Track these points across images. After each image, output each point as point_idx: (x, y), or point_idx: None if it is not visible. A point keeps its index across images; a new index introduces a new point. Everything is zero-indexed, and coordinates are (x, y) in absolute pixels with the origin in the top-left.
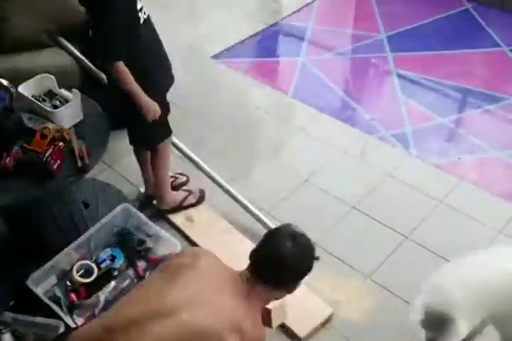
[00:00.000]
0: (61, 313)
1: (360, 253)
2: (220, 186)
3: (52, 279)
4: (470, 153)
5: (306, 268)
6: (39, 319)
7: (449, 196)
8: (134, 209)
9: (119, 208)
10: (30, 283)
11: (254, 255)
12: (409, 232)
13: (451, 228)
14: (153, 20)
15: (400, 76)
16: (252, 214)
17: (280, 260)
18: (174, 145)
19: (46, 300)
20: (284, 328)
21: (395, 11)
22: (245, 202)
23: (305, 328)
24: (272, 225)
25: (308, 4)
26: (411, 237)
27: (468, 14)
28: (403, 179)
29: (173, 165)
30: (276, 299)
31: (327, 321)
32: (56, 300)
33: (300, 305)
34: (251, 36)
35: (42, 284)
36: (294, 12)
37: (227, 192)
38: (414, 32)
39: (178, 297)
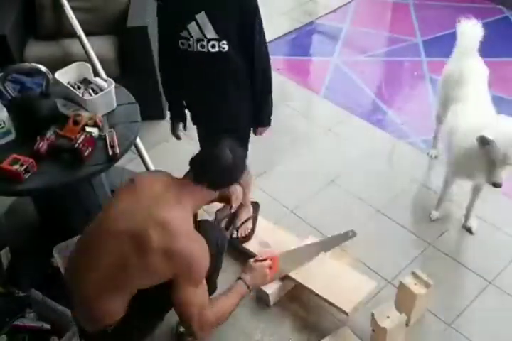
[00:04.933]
0: None
1: (383, 258)
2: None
3: None
4: None
5: (235, 176)
6: (61, 307)
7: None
8: None
9: None
10: (55, 252)
11: (195, 158)
12: (433, 239)
13: (475, 237)
14: None
15: (433, 81)
16: None
17: (217, 160)
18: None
19: None
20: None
21: (432, 16)
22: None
23: (350, 303)
24: None
25: (344, 5)
26: (435, 244)
27: (507, 22)
28: (430, 186)
29: None
30: (209, 202)
31: (371, 295)
32: None
33: (343, 281)
34: (285, 34)
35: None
36: (330, 12)
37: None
38: (450, 38)
39: (115, 212)
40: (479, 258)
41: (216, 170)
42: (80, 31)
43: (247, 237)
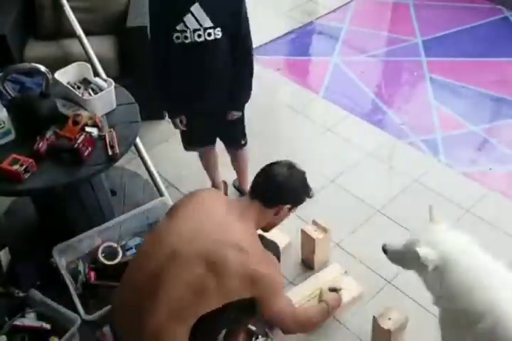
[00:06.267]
0: (73, 292)
1: (383, 258)
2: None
3: (76, 254)
4: (500, 163)
5: (295, 195)
6: (61, 307)
7: (477, 206)
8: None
9: (157, 200)
10: (55, 252)
11: (254, 178)
12: None
13: (476, 238)
14: None
15: (433, 81)
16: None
17: (271, 177)
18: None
19: (64, 274)
20: None
21: (432, 16)
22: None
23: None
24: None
25: (344, 5)
26: None
27: (507, 22)
28: (430, 186)
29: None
30: (268, 225)
31: (357, 299)
32: (75, 274)
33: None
34: (285, 34)
35: (65, 257)
36: (330, 12)
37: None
38: (450, 38)
39: (181, 233)
40: None
41: (266, 185)
42: (79, 31)
43: None
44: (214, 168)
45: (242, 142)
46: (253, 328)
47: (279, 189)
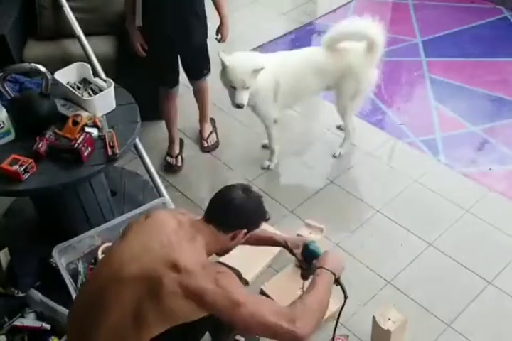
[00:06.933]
0: (73, 292)
1: (383, 258)
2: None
3: (76, 254)
4: (500, 164)
5: (252, 219)
6: (61, 308)
7: (476, 206)
8: (172, 205)
9: (157, 201)
10: (55, 253)
11: (210, 202)
12: (433, 240)
13: (475, 238)
14: None
15: (433, 81)
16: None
17: (228, 201)
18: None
19: (64, 274)
20: None
21: (432, 16)
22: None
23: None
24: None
25: (344, 5)
26: (434, 244)
27: (507, 22)
28: (430, 186)
29: None
30: (223, 249)
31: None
32: (75, 274)
33: None
34: (285, 34)
35: (65, 257)
36: (330, 12)
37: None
38: (450, 38)
39: (125, 253)
40: (479, 258)
41: (223, 209)
42: (79, 32)
43: (215, 146)
44: (175, 118)
45: (205, 72)
46: (241, 339)
47: (237, 214)
